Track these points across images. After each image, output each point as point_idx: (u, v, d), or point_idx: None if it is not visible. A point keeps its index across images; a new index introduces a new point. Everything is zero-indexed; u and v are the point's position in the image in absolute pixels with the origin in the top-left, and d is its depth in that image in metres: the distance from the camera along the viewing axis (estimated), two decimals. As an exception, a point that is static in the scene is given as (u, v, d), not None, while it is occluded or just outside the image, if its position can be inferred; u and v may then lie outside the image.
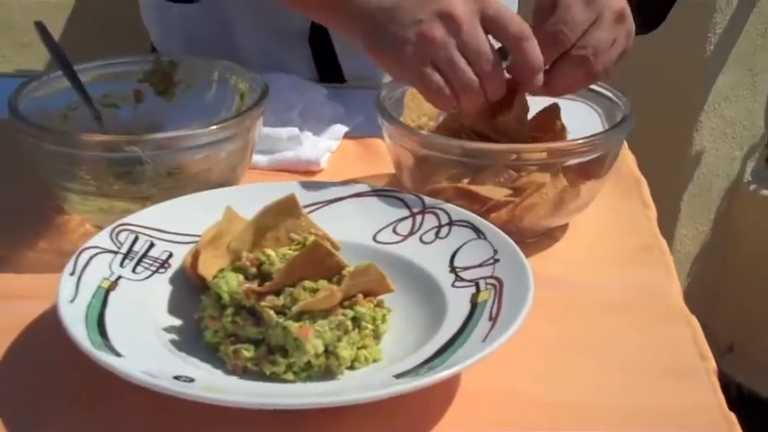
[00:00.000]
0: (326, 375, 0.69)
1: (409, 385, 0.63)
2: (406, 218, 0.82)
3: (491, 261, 0.76)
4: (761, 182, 2.04)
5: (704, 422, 0.69)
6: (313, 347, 0.67)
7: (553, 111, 0.93)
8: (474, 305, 0.73)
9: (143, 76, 0.96)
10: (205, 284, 0.74)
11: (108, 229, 0.77)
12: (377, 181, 0.92)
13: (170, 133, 0.83)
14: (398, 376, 0.66)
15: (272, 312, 0.69)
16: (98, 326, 0.68)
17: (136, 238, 0.77)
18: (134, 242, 0.77)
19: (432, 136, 0.88)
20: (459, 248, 0.78)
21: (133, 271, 0.75)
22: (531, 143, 0.88)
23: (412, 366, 0.67)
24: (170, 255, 0.78)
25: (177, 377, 0.64)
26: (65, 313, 0.68)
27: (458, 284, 0.75)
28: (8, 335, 0.75)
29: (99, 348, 0.65)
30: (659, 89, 1.89)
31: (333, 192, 0.85)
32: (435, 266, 0.78)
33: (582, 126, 0.90)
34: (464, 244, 0.79)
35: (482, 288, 0.74)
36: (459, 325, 0.71)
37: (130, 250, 0.76)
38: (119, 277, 0.74)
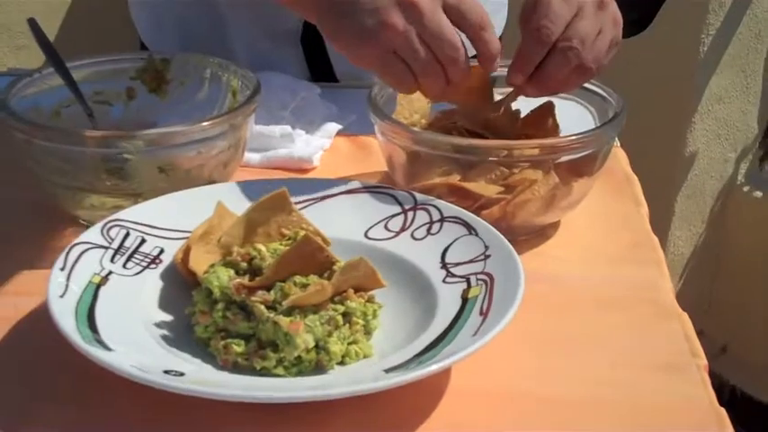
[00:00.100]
0: (317, 370, 0.69)
1: (399, 379, 0.63)
2: (398, 214, 0.82)
3: (482, 257, 0.76)
4: (754, 183, 2.05)
5: (695, 417, 0.69)
6: (303, 342, 0.67)
7: (547, 109, 0.93)
8: (465, 300, 0.73)
9: (135, 74, 0.96)
10: (196, 280, 0.73)
11: (99, 225, 0.77)
12: (369, 179, 0.92)
13: (161, 130, 0.83)
14: (389, 371, 0.66)
15: (263, 307, 0.69)
16: (88, 321, 0.68)
17: (127, 234, 0.77)
18: (125, 238, 0.77)
19: (423, 132, 0.88)
20: (450, 244, 0.79)
21: (124, 266, 0.75)
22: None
23: (402, 361, 0.67)
24: (161, 251, 0.77)
25: (167, 371, 0.64)
26: (55, 308, 0.67)
27: (449, 280, 0.75)
28: (8, 325, 0.75)
29: (89, 343, 0.65)
30: (653, 90, 1.89)
31: (324, 188, 0.85)
32: (427, 262, 0.78)
33: (575, 125, 0.90)
34: (455, 240, 0.79)
35: (473, 284, 0.74)
36: (449, 320, 0.71)
37: (121, 246, 0.76)
38: (109, 273, 0.74)
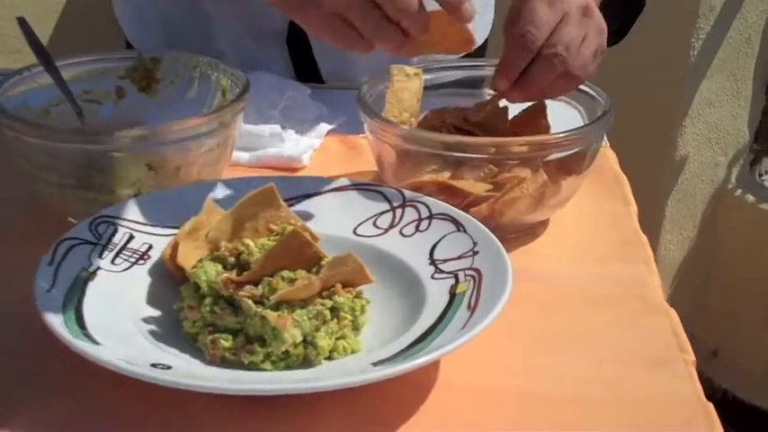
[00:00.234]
0: (304, 365, 0.69)
1: (387, 371, 0.63)
2: (387, 211, 0.83)
3: (470, 253, 0.76)
4: (746, 187, 2.05)
5: (683, 412, 0.69)
6: (291, 337, 0.67)
7: (538, 109, 0.93)
8: (453, 296, 0.73)
9: (125, 73, 0.96)
10: (184, 276, 0.74)
11: (87, 221, 0.77)
12: (359, 178, 0.92)
13: (150, 127, 0.83)
14: (376, 364, 0.66)
15: (251, 302, 0.69)
16: (75, 315, 0.68)
17: (115, 230, 0.77)
18: (113, 234, 0.77)
19: (413, 130, 0.88)
20: (438, 241, 0.79)
21: (112, 262, 0.75)
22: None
23: (390, 355, 0.67)
24: (149, 247, 0.77)
25: (155, 365, 0.64)
26: (42, 302, 0.68)
27: (437, 276, 0.76)
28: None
29: (76, 337, 0.65)
30: (643, 94, 1.89)
31: (313, 186, 0.85)
32: (415, 259, 0.78)
33: (564, 125, 0.90)
34: (444, 237, 0.79)
35: (461, 279, 0.74)
36: (437, 315, 0.71)
37: (109, 242, 0.76)
38: (97, 268, 0.74)
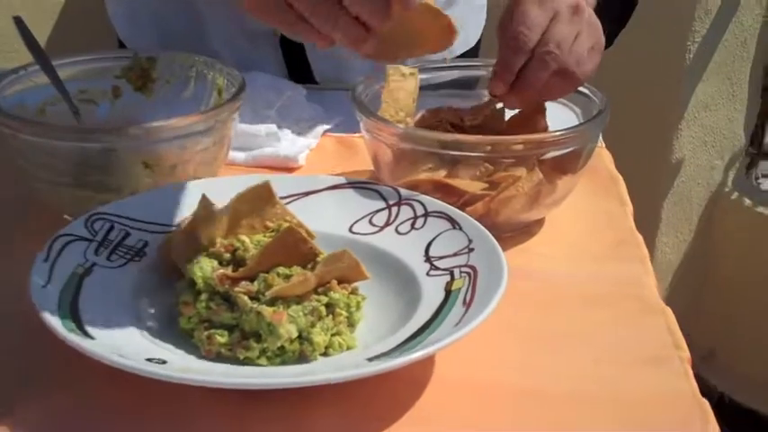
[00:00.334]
0: (300, 361, 0.69)
1: (382, 366, 0.63)
2: (383, 209, 0.83)
3: (466, 250, 0.77)
4: (742, 191, 2.05)
5: (678, 408, 0.69)
6: (287, 332, 0.67)
7: (537, 110, 0.94)
8: (448, 293, 0.73)
9: (121, 73, 0.96)
10: (180, 272, 0.74)
11: (83, 218, 0.77)
12: (355, 177, 0.92)
13: (146, 124, 0.83)
14: (372, 359, 0.66)
15: (246, 298, 0.69)
16: (71, 311, 0.68)
17: (111, 227, 0.77)
18: (109, 231, 0.77)
19: (409, 128, 0.88)
20: (434, 239, 0.79)
21: (108, 259, 0.75)
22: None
23: (385, 350, 0.67)
24: (145, 244, 0.78)
25: (150, 359, 0.64)
26: (37, 298, 0.68)
27: (432, 273, 0.76)
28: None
29: (71, 331, 0.65)
30: (639, 97, 1.90)
31: (309, 184, 0.85)
32: (410, 256, 0.78)
33: (560, 125, 0.90)
34: (439, 234, 0.79)
35: (456, 276, 0.74)
36: (433, 311, 0.71)
37: (105, 238, 0.76)
38: (93, 264, 0.74)
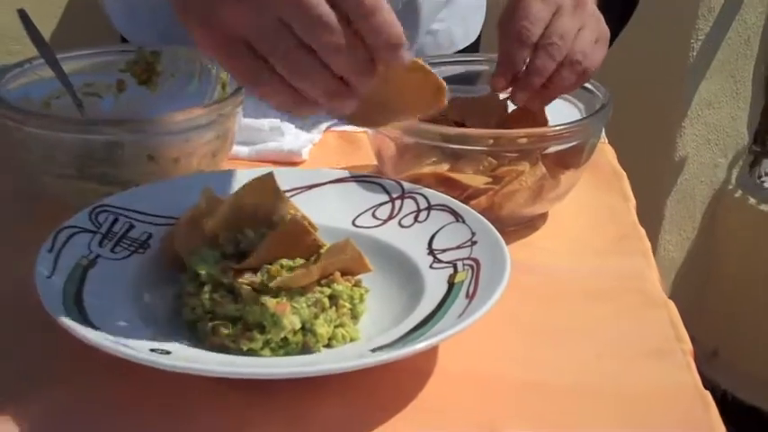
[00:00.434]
0: (303, 352, 0.69)
1: (385, 356, 0.63)
2: (386, 203, 0.83)
3: (469, 243, 0.77)
4: (745, 189, 2.05)
5: (681, 401, 0.69)
6: (290, 323, 0.67)
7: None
8: (451, 285, 0.73)
9: (125, 66, 0.97)
10: (183, 264, 0.74)
11: (87, 210, 0.78)
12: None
13: (149, 118, 0.83)
14: (375, 351, 0.66)
15: (250, 289, 0.69)
16: (75, 302, 0.68)
17: (115, 220, 0.78)
18: (113, 223, 0.77)
19: (413, 122, 0.88)
20: (437, 231, 0.79)
21: (112, 250, 0.75)
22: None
23: (388, 342, 0.67)
24: (149, 236, 0.78)
25: (154, 350, 0.64)
26: (42, 288, 0.68)
27: (435, 266, 0.76)
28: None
29: (75, 322, 0.65)
30: (642, 95, 1.90)
31: (312, 177, 0.85)
32: (414, 249, 0.78)
33: (563, 120, 0.91)
34: (442, 227, 0.79)
35: (459, 269, 0.74)
36: (436, 303, 0.71)
37: (110, 231, 0.77)
38: (97, 256, 0.74)
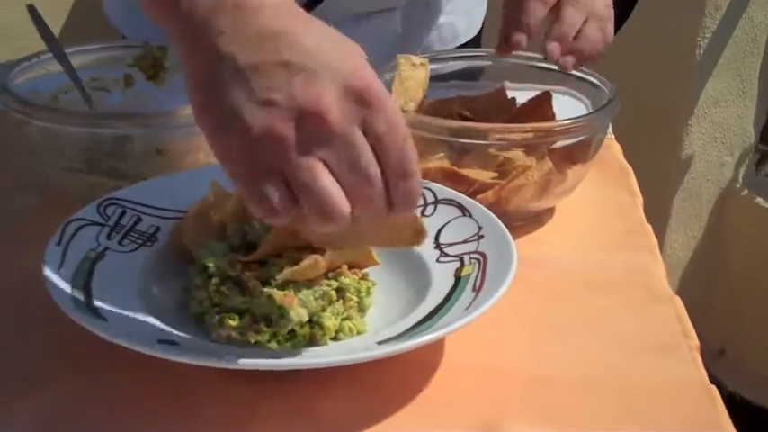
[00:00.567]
0: (310, 345, 0.69)
1: (391, 349, 0.63)
2: (393, 197, 0.83)
3: (475, 237, 0.77)
4: (752, 187, 2.05)
5: (687, 395, 0.69)
6: (297, 315, 0.67)
7: (544, 98, 0.94)
8: (458, 278, 0.73)
9: (133, 61, 0.97)
10: (191, 256, 0.74)
11: (95, 203, 0.78)
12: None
13: (159, 111, 0.84)
14: (381, 343, 0.66)
15: (257, 282, 0.69)
16: (84, 293, 0.68)
17: (123, 213, 0.78)
18: (121, 216, 0.78)
19: (420, 116, 0.88)
20: (444, 225, 0.79)
21: (120, 243, 0.76)
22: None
23: (395, 334, 0.67)
24: (157, 229, 0.78)
25: (161, 341, 0.64)
26: (51, 280, 0.68)
27: (442, 260, 0.76)
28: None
29: (84, 313, 0.65)
30: (649, 93, 1.90)
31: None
32: (420, 243, 0.78)
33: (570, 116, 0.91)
34: (449, 221, 0.79)
35: (466, 262, 0.75)
36: (442, 297, 0.72)
37: (117, 224, 0.77)
38: (105, 248, 0.74)
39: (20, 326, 0.73)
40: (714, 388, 0.70)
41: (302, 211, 0.57)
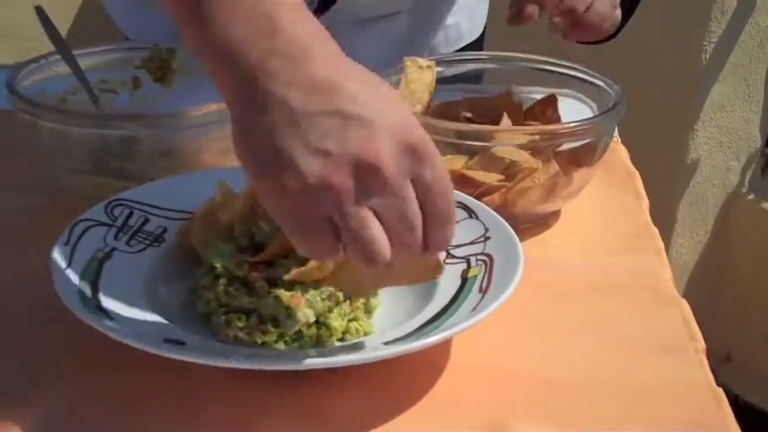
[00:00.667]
0: (317, 346, 0.69)
1: (398, 349, 0.63)
2: (400, 199, 0.83)
3: (482, 239, 0.77)
4: (758, 192, 2.05)
5: (694, 397, 0.69)
6: (304, 316, 0.68)
7: (550, 101, 0.94)
8: (465, 280, 0.73)
9: (141, 63, 0.97)
10: (198, 257, 0.74)
11: (103, 204, 0.78)
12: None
13: (166, 113, 0.84)
14: (388, 344, 0.66)
15: (264, 282, 0.69)
16: (91, 293, 0.69)
17: (131, 213, 0.78)
18: (129, 217, 0.78)
19: (427, 118, 0.89)
20: (450, 227, 0.79)
21: (127, 244, 0.76)
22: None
23: (402, 335, 0.68)
24: (164, 230, 0.78)
25: (168, 341, 0.64)
26: (58, 280, 0.68)
27: (449, 261, 0.76)
28: (2, 304, 0.76)
29: (91, 312, 0.66)
30: (655, 98, 1.90)
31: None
32: (427, 245, 0.78)
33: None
34: (456, 223, 0.79)
35: (473, 264, 0.75)
36: (449, 298, 0.72)
37: (125, 224, 0.77)
38: (113, 249, 0.75)
39: (27, 325, 0.74)
40: (720, 390, 0.70)
41: (346, 253, 0.59)
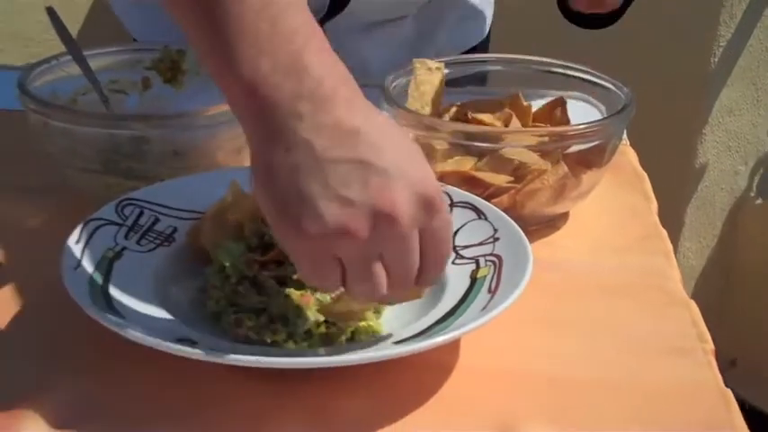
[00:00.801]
0: (326, 345, 0.69)
1: (407, 348, 0.64)
2: (408, 200, 0.83)
3: (491, 240, 0.77)
4: (766, 196, 2.05)
5: (702, 397, 0.69)
6: (314, 315, 0.68)
7: (558, 103, 0.94)
8: (474, 280, 0.73)
9: (151, 64, 0.97)
10: (208, 256, 0.75)
11: (113, 203, 0.79)
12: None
13: (176, 113, 0.84)
14: (397, 343, 0.66)
15: (274, 282, 0.70)
16: (102, 292, 0.69)
17: (141, 213, 0.79)
18: (139, 216, 0.78)
19: (436, 120, 0.89)
20: (459, 228, 0.79)
21: (138, 243, 0.76)
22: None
23: (411, 335, 0.68)
24: (174, 229, 0.79)
25: (180, 340, 0.65)
26: (69, 279, 0.69)
27: (458, 262, 0.76)
28: (15, 303, 0.76)
29: (102, 311, 0.66)
30: (663, 102, 1.89)
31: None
32: (436, 245, 0.78)
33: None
34: (465, 224, 0.80)
35: (482, 265, 0.75)
36: (458, 298, 0.72)
37: (135, 224, 0.78)
38: (123, 248, 0.75)
39: (38, 324, 0.74)
40: (729, 391, 0.70)
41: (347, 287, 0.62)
